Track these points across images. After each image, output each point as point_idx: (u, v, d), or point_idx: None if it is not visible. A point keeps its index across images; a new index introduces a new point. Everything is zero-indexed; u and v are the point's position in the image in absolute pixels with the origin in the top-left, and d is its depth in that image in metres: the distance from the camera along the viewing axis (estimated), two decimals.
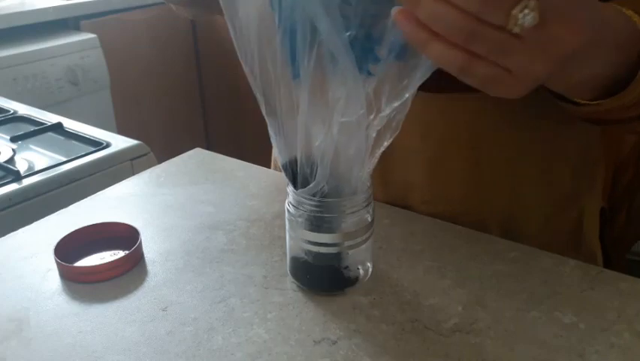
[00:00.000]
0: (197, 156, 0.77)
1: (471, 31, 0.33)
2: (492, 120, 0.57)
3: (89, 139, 0.96)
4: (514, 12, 0.32)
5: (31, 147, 0.96)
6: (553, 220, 0.63)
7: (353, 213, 0.46)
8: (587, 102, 0.45)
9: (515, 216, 0.61)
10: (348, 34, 0.38)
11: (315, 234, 0.46)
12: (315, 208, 0.45)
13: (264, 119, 0.45)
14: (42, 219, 0.63)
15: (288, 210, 0.47)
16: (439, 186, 0.61)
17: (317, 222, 0.46)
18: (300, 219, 0.47)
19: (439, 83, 0.56)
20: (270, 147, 0.79)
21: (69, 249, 0.55)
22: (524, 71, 0.36)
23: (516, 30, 0.32)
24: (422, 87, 0.57)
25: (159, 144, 1.17)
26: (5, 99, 1.16)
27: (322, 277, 0.49)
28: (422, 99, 0.57)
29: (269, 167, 0.77)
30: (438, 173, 0.60)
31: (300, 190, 0.46)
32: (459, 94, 0.56)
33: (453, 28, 0.33)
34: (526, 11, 0.32)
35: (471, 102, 0.56)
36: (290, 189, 0.47)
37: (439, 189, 0.61)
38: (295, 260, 0.50)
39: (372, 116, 0.42)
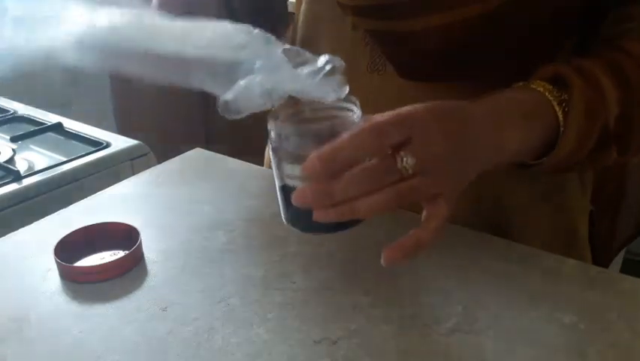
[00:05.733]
0: (197, 156, 0.77)
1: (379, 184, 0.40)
2: None
3: (89, 139, 0.96)
4: (398, 166, 0.40)
5: (31, 147, 0.96)
6: (547, 224, 0.63)
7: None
8: (532, 163, 0.51)
9: (510, 219, 0.61)
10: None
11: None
12: (298, 136, 0.44)
13: (264, 119, 0.45)
14: (42, 220, 0.63)
15: (273, 150, 0.45)
16: None
17: (303, 152, 0.43)
18: (286, 153, 0.44)
19: (429, 72, 0.56)
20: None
21: (69, 249, 0.54)
22: (443, 188, 0.42)
23: (410, 172, 0.40)
24: (411, 76, 0.57)
25: (159, 144, 1.17)
26: (5, 99, 1.16)
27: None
28: (417, 91, 0.57)
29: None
30: None
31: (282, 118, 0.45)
32: (454, 83, 0.56)
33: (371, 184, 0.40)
34: (405, 159, 0.40)
35: (467, 92, 0.56)
36: (271, 124, 0.45)
37: None
38: (289, 205, 0.46)
39: None
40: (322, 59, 0.42)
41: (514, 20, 0.52)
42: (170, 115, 2.22)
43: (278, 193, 0.47)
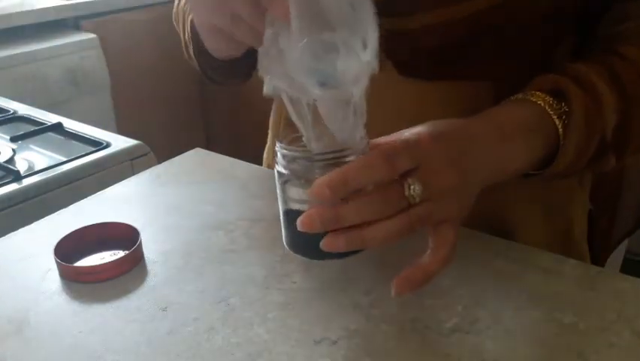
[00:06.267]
0: (197, 156, 0.77)
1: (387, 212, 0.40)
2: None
3: (89, 139, 0.96)
4: (406, 193, 0.40)
5: (31, 147, 0.96)
6: (544, 223, 0.63)
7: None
8: (532, 173, 0.52)
9: (506, 218, 0.61)
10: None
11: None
12: (305, 159, 0.42)
13: (264, 119, 0.45)
14: (42, 219, 0.63)
15: (279, 173, 0.44)
16: None
17: (309, 176, 0.42)
18: (292, 176, 0.43)
19: (428, 70, 0.56)
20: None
21: (69, 249, 0.55)
22: (450, 214, 0.43)
23: (417, 200, 0.40)
24: (411, 74, 0.57)
25: (159, 144, 1.17)
26: (5, 99, 1.16)
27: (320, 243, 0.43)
28: (417, 88, 0.57)
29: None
30: None
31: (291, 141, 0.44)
32: (453, 81, 0.56)
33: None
34: (412, 187, 0.40)
35: (467, 90, 0.56)
36: (279, 146, 0.44)
37: None
38: (292, 230, 0.45)
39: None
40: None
41: (515, 17, 0.52)
42: (170, 115, 2.22)
43: (281, 217, 0.46)
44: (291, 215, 0.44)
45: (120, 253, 0.54)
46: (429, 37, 0.54)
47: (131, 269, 0.53)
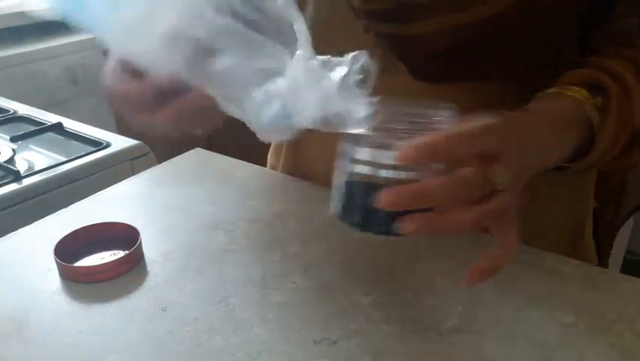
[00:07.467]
0: (197, 156, 0.77)
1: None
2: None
3: (89, 139, 0.96)
4: (494, 180, 0.38)
5: (31, 147, 0.96)
6: (556, 222, 0.63)
7: None
8: (565, 165, 0.51)
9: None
10: None
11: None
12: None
13: None
14: (42, 219, 0.63)
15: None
16: None
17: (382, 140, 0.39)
18: (367, 138, 0.39)
19: (440, 72, 0.56)
20: (269, 146, 0.79)
21: (69, 249, 0.55)
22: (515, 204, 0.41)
23: (500, 186, 0.39)
24: (424, 77, 0.57)
25: (159, 144, 1.17)
26: (5, 99, 1.16)
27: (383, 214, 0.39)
28: (430, 91, 0.57)
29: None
30: None
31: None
32: (458, 84, 0.56)
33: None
34: (499, 172, 0.38)
35: (480, 91, 0.56)
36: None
37: None
38: (351, 196, 0.41)
39: None
40: (348, 63, 0.39)
41: (526, 19, 0.52)
42: None
43: (340, 184, 0.41)
44: (356, 180, 0.40)
45: (120, 253, 0.54)
46: (442, 42, 0.53)
47: (131, 269, 0.53)
